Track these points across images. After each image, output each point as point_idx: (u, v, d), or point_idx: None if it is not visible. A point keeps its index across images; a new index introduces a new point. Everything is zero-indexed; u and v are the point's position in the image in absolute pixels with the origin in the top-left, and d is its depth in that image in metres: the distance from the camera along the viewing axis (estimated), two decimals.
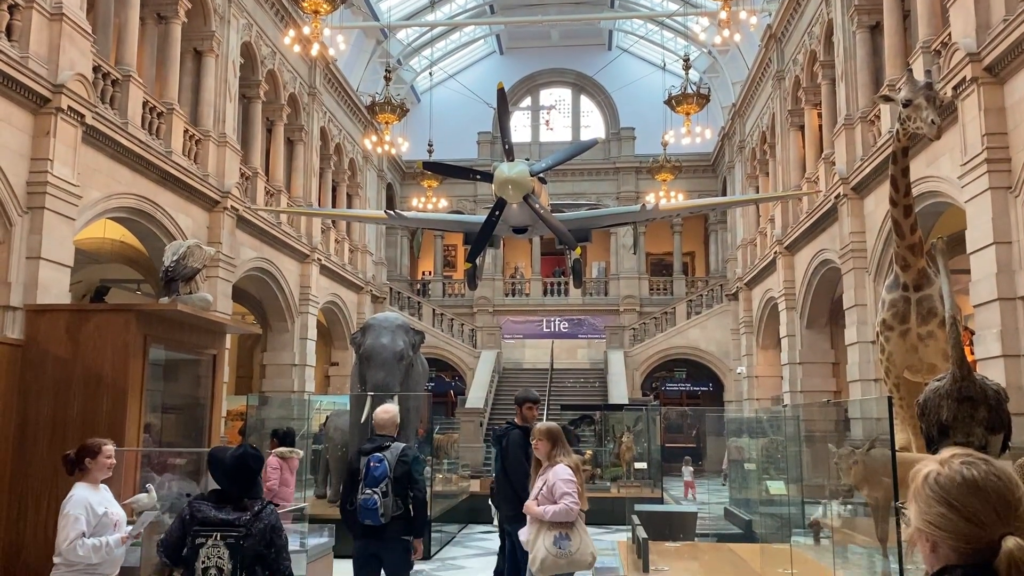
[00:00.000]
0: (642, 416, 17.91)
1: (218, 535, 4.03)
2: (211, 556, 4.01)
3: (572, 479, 5.47)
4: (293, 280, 21.43)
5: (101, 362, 6.34)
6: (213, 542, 4.02)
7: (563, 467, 5.51)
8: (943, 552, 1.62)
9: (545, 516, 5.33)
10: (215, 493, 4.21)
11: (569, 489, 5.39)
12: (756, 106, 25.78)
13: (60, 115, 11.16)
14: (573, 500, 5.36)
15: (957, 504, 1.59)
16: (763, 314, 24.66)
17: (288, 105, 21.93)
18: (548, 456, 5.60)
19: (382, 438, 5.91)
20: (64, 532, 4.84)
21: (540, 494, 5.46)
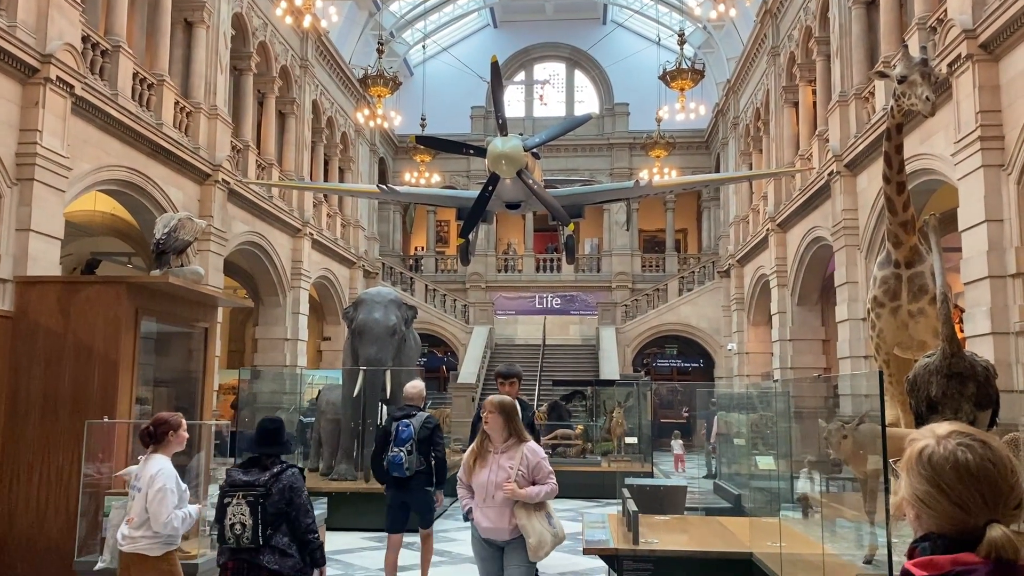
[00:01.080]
0: (633, 392, 18.02)
1: (240, 495, 4.56)
2: (235, 514, 4.53)
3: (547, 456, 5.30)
4: (285, 254, 21.36)
5: (92, 334, 6.32)
6: (236, 501, 4.55)
7: (535, 445, 5.24)
8: (926, 524, 1.64)
9: (537, 498, 4.98)
10: (247, 460, 4.83)
11: (551, 467, 5.18)
12: (751, 82, 25.68)
13: (49, 85, 11.05)
14: (554, 479, 5.15)
15: (946, 487, 1.60)
16: (755, 291, 24.73)
17: (280, 78, 21.74)
18: (503, 432, 5.10)
19: (410, 407, 7.33)
20: (161, 507, 4.83)
21: (520, 475, 4.99)
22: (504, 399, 5.25)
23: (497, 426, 5.09)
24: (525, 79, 34.80)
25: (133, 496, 5.03)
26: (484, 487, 5.04)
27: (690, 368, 30.55)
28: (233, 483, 4.63)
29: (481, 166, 15.07)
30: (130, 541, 4.89)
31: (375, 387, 12.25)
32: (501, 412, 5.10)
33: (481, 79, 25.84)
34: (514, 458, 5.05)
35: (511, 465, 5.02)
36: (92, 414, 6.08)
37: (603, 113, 32.60)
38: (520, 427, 5.18)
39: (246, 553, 4.54)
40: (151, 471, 4.94)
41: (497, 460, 5.08)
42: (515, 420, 5.12)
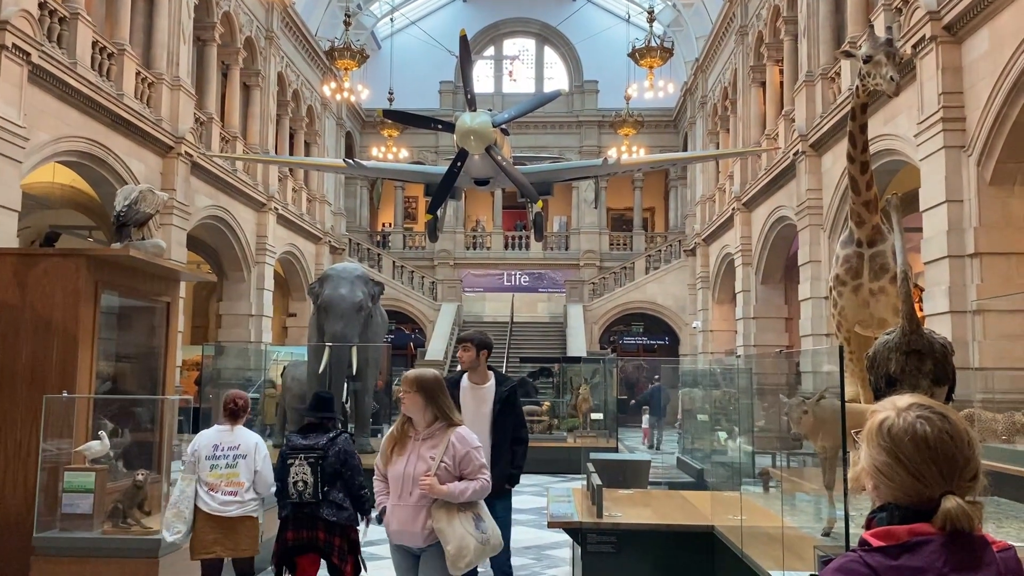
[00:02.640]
0: (599, 368, 18.14)
1: (302, 456, 5.23)
2: (298, 473, 5.20)
3: (480, 444, 4.30)
4: (249, 229, 21.09)
5: (51, 308, 6.19)
6: (299, 462, 5.22)
7: (467, 431, 4.26)
8: (883, 495, 1.67)
9: (462, 497, 4.08)
10: (305, 425, 5.50)
11: (483, 460, 4.23)
12: (719, 61, 25.75)
13: (4, 53, 10.76)
14: (489, 473, 4.25)
15: (904, 459, 1.62)
16: (720, 270, 24.97)
17: (244, 49, 21.36)
18: (424, 414, 4.20)
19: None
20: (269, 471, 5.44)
21: (442, 468, 4.08)
22: (423, 373, 4.32)
23: (416, 407, 4.19)
24: (494, 54, 34.56)
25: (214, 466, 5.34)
26: (399, 480, 4.16)
27: (656, 345, 30.82)
28: (294, 447, 5.29)
29: (450, 142, 14.97)
30: (239, 505, 5.32)
31: (341, 363, 12.18)
32: (419, 390, 4.18)
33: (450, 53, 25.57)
34: (438, 446, 4.12)
35: (433, 455, 4.11)
36: (51, 388, 5.97)
37: (572, 90, 32.54)
38: (448, 407, 4.22)
39: (307, 507, 5.19)
40: (252, 440, 5.49)
41: (418, 448, 4.18)
42: (439, 399, 4.20)
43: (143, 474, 5.95)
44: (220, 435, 5.46)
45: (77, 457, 5.84)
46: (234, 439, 5.45)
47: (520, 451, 5.67)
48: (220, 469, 5.34)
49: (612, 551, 5.80)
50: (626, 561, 5.82)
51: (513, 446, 5.58)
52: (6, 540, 5.95)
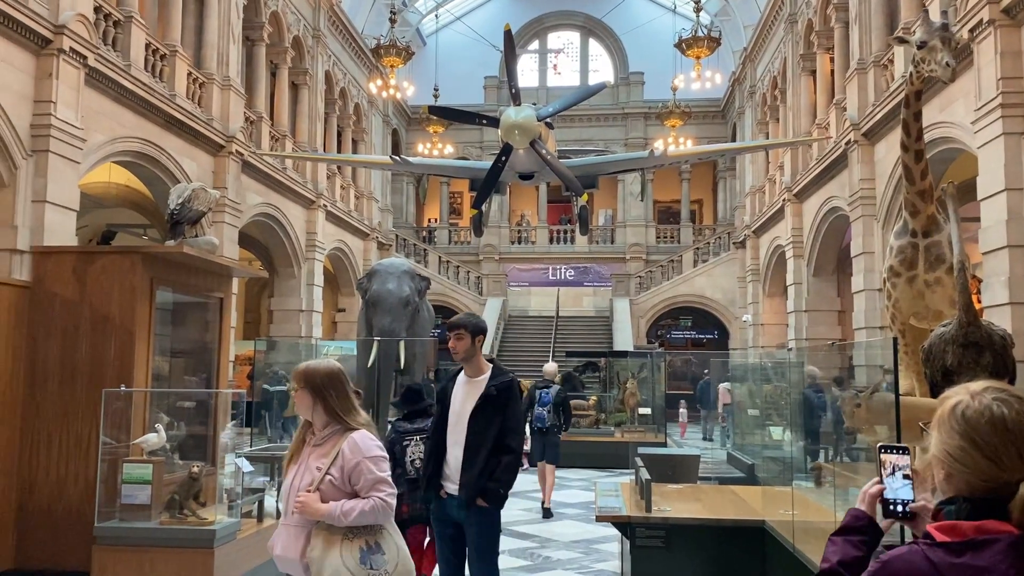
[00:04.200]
0: (646, 363, 18.02)
1: (417, 438, 6.06)
2: (414, 452, 6.01)
3: (383, 453, 3.49)
4: (299, 226, 21.40)
5: (108, 304, 6.37)
6: (415, 443, 6.05)
7: (366, 436, 3.42)
8: (956, 483, 1.61)
9: (344, 520, 3.29)
10: (407, 413, 6.32)
11: (383, 473, 3.39)
12: (768, 50, 25.33)
13: (62, 56, 11.05)
14: (390, 491, 3.39)
15: (980, 441, 1.57)
16: (770, 262, 24.60)
17: (292, 48, 21.64)
18: (310, 414, 3.46)
19: (547, 382, 11.05)
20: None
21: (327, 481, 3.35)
22: (314, 365, 3.52)
23: (304, 407, 3.46)
24: (539, 48, 34.48)
25: None
26: (286, 496, 3.51)
27: (705, 339, 30.51)
28: (405, 431, 6.13)
29: (494, 137, 14.99)
30: None
31: (389, 357, 12.32)
32: (306, 385, 3.44)
33: (495, 48, 25.59)
34: (328, 455, 3.39)
35: (320, 465, 3.38)
36: (109, 383, 6.14)
37: (618, 82, 32.29)
38: (342, 407, 3.43)
39: (418, 480, 5.69)
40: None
41: (308, 457, 3.48)
42: (330, 397, 3.42)
43: (198, 466, 6.09)
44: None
45: (135, 449, 6.00)
46: None
47: (506, 463, 4.71)
48: None
49: (661, 545, 5.77)
50: (675, 555, 5.78)
51: (498, 455, 4.70)
52: (69, 530, 6.14)
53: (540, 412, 10.44)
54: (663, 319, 29.93)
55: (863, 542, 1.81)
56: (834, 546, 1.82)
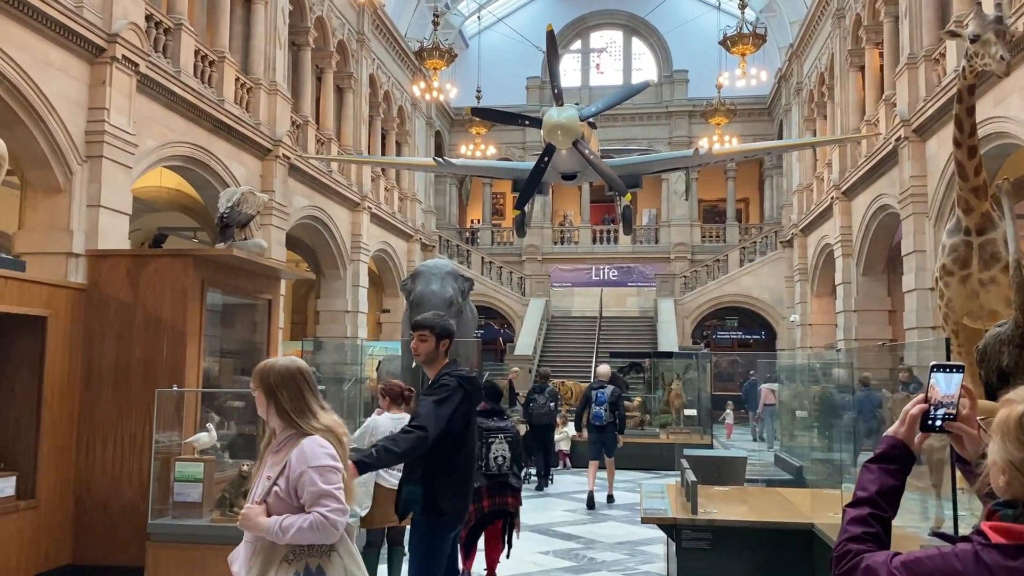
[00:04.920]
0: (692, 364, 17.86)
1: (501, 436, 6.51)
2: (498, 449, 6.45)
3: (334, 464, 3.03)
4: (344, 228, 21.66)
5: (161, 306, 6.52)
6: (499, 441, 6.48)
7: (316, 443, 3.03)
8: (1014, 490, 1.58)
9: (283, 537, 2.93)
10: (483, 413, 6.37)
11: (330, 485, 2.97)
12: (815, 46, 24.93)
13: (115, 64, 11.33)
14: (337, 506, 2.96)
15: None
16: (818, 261, 24.21)
17: (337, 52, 21.90)
18: (269, 416, 3.14)
19: (601, 382, 11.82)
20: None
21: (274, 492, 3.02)
22: (270, 363, 3.20)
23: (261, 408, 3.17)
24: (581, 48, 34.38)
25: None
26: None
27: (751, 340, 30.13)
28: (488, 428, 6.45)
29: (537, 137, 14.99)
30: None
31: None
32: (260, 385, 3.14)
33: (537, 49, 25.60)
34: (280, 463, 3.07)
35: (271, 474, 3.08)
36: (161, 383, 6.29)
37: (661, 81, 32.06)
38: (296, 408, 3.08)
39: (500, 476, 6.41)
40: None
41: (264, 465, 3.18)
42: (282, 397, 3.08)
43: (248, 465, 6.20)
44: (394, 422, 6.15)
45: (187, 448, 6.13)
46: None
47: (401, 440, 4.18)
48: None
49: (707, 548, 5.71)
50: (722, 558, 5.72)
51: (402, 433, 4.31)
52: (124, 526, 6.30)
53: (597, 411, 11.32)
54: (708, 319, 29.63)
55: (899, 471, 1.79)
56: (871, 474, 1.79)
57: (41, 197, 10.85)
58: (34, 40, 10.17)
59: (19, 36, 9.91)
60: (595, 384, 11.96)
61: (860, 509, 1.76)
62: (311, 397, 3.13)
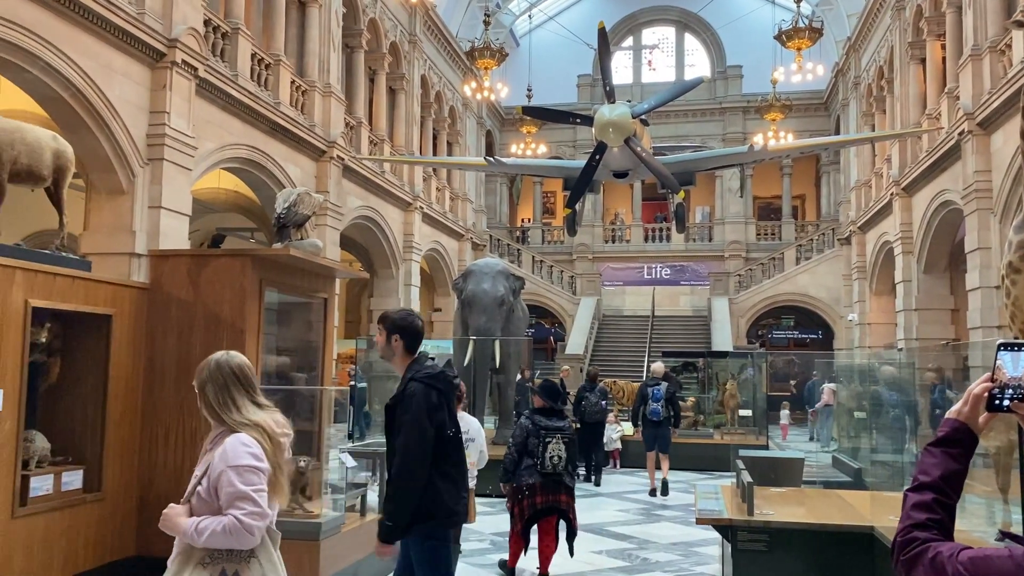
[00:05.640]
0: (747, 363, 17.61)
1: (558, 435, 6.65)
2: (555, 449, 6.59)
3: (255, 464, 2.86)
4: (397, 228, 21.86)
5: (220, 305, 6.65)
6: (556, 441, 6.61)
7: (239, 441, 2.88)
8: None
9: (197, 539, 2.81)
10: (541, 411, 6.83)
11: (248, 487, 2.81)
12: (873, 39, 24.36)
13: (175, 69, 11.61)
14: (253, 509, 2.79)
15: None
16: (877, 259, 23.65)
17: (389, 54, 22.11)
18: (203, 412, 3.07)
19: (655, 379, 12.25)
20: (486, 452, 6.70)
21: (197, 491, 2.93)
22: (211, 357, 3.12)
23: (200, 403, 3.08)
24: (633, 44, 34.15)
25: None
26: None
27: (808, 340, 29.58)
28: (546, 427, 6.67)
29: (588, 135, 14.93)
30: (470, 479, 6.15)
31: (484, 356, 12.46)
32: (195, 380, 3.08)
33: (588, 46, 25.49)
34: (208, 461, 2.97)
35: (198, 473, 2.98)
36: None
37: (715, 76, 31.68)
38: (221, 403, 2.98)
39: (555, 475, 6.58)
40: (476, 424, 6.69)
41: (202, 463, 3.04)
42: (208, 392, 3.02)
43: (305, 461, 6.29)
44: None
45: None
46: (464, 425, 5.91)
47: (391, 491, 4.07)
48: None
49: (764, 549, 5.63)
50: (779, 560, 5.63)
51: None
52: None
53: (655, 407, 11.87)
54: (764, 318, 29.18)
55: (962, 454, 1.72)
56: (933, 458, 1.73)
57: (105, 199, 11.17)
58: (98, 46, 10.48)
59: (85, 43, 10.22)
60: (650, 381, 12.33)
61: (923, 494, 1.70)
62: (238, 391, 3.00)
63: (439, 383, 4.17)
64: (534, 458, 6.59)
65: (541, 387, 7.28)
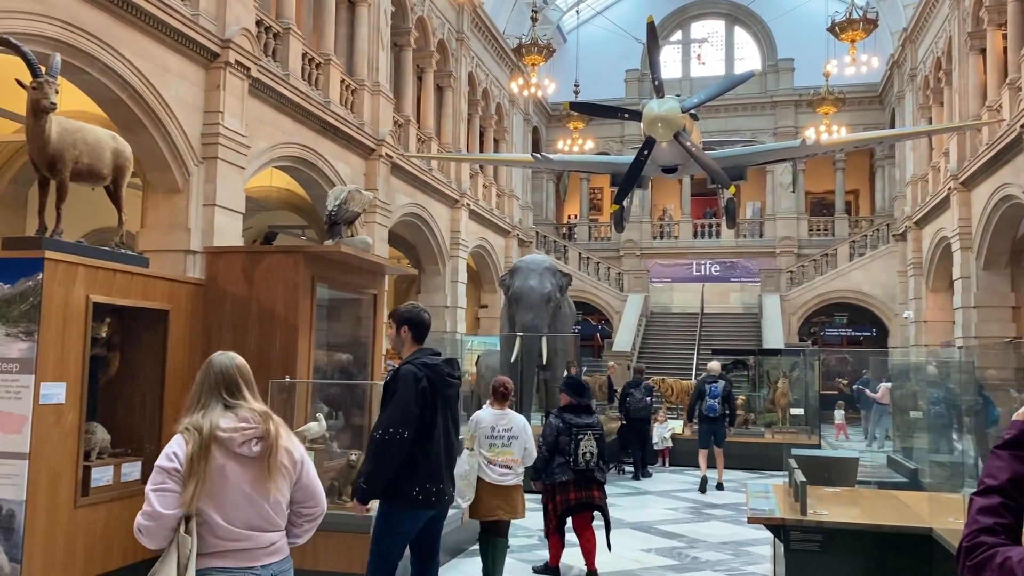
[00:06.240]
0: (799, 362, 17.33)
1: (589, 432, 6.75)
2: (587, 446, 6.71)
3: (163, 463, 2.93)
4: (444, 225, 21.98)
5: (274, 300, 6.78)
6: (587, 437, 6.72)
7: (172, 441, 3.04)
8: None
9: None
10: (569, 408, 6.90)
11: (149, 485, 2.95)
12: (930, 30, 23.73)
13: (228, 69, 11.81)
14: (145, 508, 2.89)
15: None
16: (934, 255, 23.06)
17: (437, 52, 22.21)
18: None
19: (713, 377, 12.54)
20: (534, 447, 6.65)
21: None
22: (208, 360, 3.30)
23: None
24: (682, 39, 33.78)
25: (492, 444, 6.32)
26: None
27: (861, 337, 28.97)
28: (577, 425, 6.76)
29: (635, 131, 14.82)
30: (514, 476, 6.38)
31: (532, 353, 12.46)
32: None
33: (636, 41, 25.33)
34: None
35: None
36: (275, 374, 6.52)
37: (766, 70, 31.15)
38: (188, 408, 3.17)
39: (587, 471, 6.73)
40: (521, 422, 6.60)
41: None
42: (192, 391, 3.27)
43: (356, 454, 6.37)
44: (495, 418, 6.43)
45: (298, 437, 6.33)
46: (508, 422, 6.43)
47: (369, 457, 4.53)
48: (498, 447, 6.34)
49: (818, 550, 5.52)
50: (833, 561, 5.52)
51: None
52: None
53: (711, 403, 12.23)
54: (816, 316, 28.67)
55: None
56: (1001, 461, 1.66)
57: (161, 197, 11.43)
58: (154, 48, 10.71)
59: (141, 45, 10.46)
60: (708, 378, 12.72)
61: (990, 498, 1.64)
62: (211, 393, 3.10)
63: (430, 372, 4.53)
64: (566, 456, 6.72)
65: (566, 384, 7.31)
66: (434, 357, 4.67)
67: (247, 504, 2.95)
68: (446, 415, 4.65)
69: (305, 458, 3.21)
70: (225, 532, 2.90)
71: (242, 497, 2.94)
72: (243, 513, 2.94)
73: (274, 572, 2.98)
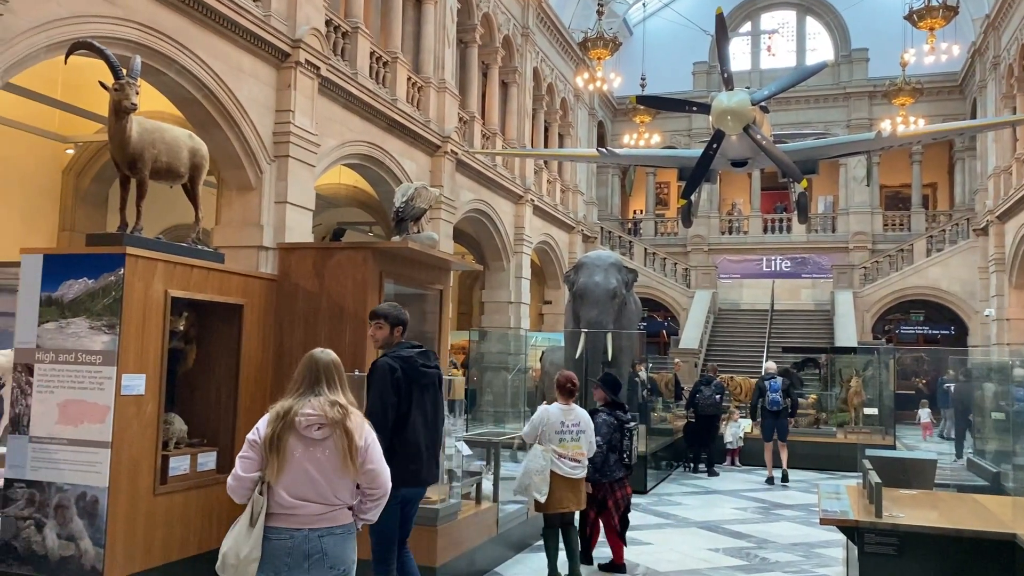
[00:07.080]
0: (873, 360, 16.84)
1: (635, 429, 7.22)
2: (635, 443, 7.25)
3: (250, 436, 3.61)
4: (508, 221, 22.03)
5: (343, 295, 6.90)
6: (635, 434, 7.26)
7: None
8: None
9: None
10: (614, 406, 7.18)
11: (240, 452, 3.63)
12: (1015, 15, 22.74)
13: (299, 68, 12.06)
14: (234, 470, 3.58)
15: None
16: (1018, 250, 22.13)
17: (502, 48, 22.25)
18: None
19: (771, 375, 13.11)
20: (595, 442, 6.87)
21: None
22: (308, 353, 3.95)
23: None
24: (751, 30, 33.11)
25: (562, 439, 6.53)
26: None
27: (939, 336, 28.01)
28: (626, 422, 7.12)
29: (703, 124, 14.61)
30: (582, 469, 6.65)
31: (597, 349, 12.39)
32: None
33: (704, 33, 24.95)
34: None
35: None
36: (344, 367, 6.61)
37: (838, 60, 30.31)
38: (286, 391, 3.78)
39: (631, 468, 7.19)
40: (586, 416, 6.77)
41: None
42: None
43: None
44: (563, 413, 6.63)
45: None
46: (575, 417, 6.67)
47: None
48: (568, 442, 6.56)
49: (893, 554, 5.37)
50: (909, 565, 5.36)
51: None
52: None
53: (774, 397, 12.72)
54: (891, 313, 27.81)
55: None
56: None
57: (235, 195, 11.74)
58: (229, 49, 11.00)
59: (216, 46, 10.75)
60: (766, 376, 13.24)
61: None
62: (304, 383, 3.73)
63: (404, 364, 4.90)
64: (618, 452, 7.03)
65: (603, 380, 7.44)
66: (410, 350, 5.04)
67: (305, 479, 3.45)
68: (423, 403, 5.03)
69: (371, 445, 3.65)
70: (282, 500, 3.43)
71: (302, 473, 3.45)
72: (301, 487, 3.45)
73: (320, 534, 3.45)
